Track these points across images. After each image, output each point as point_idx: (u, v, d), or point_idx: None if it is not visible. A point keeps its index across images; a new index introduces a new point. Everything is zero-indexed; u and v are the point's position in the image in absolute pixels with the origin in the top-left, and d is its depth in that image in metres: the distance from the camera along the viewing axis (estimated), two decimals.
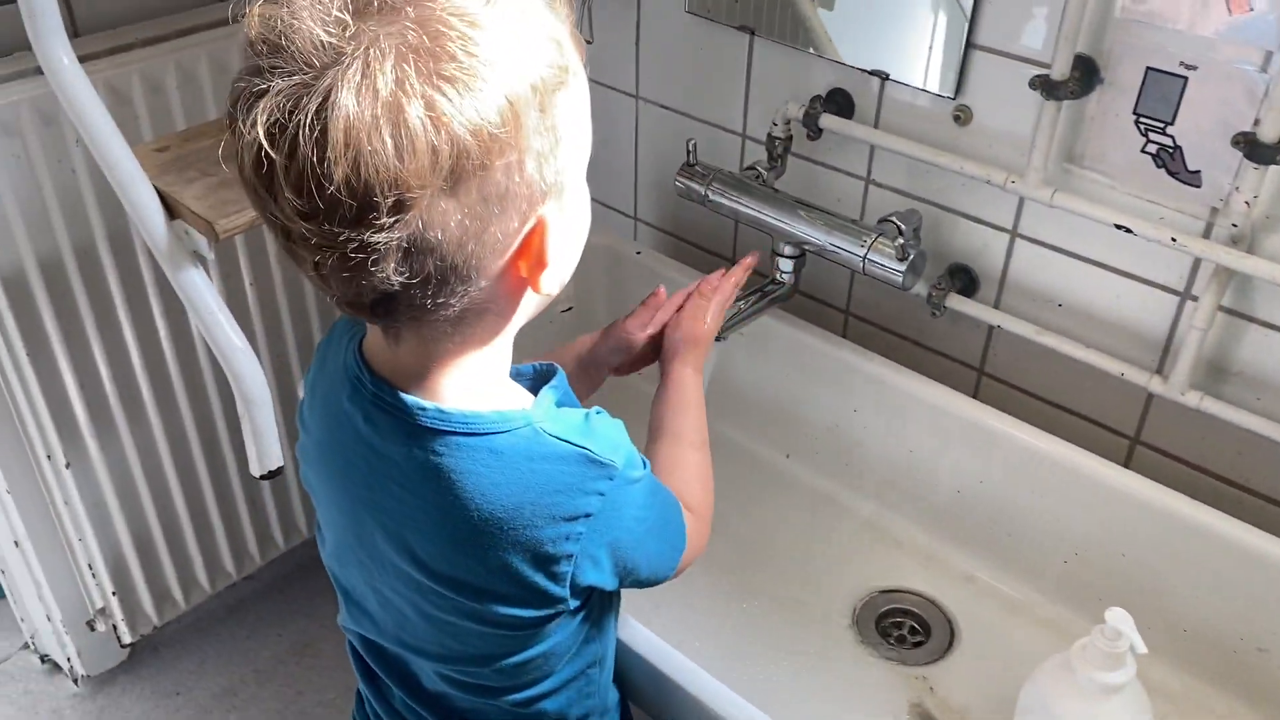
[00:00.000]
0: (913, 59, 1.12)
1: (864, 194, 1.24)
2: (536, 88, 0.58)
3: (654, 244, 1.49)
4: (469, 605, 0.72)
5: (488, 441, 0.67)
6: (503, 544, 0.68)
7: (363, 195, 0.54)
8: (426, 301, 0.61)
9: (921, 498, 1.22)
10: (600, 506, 0.70)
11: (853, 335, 1.33)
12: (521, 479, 0.67)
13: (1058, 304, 1.14)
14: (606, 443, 0.71)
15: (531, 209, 0.61)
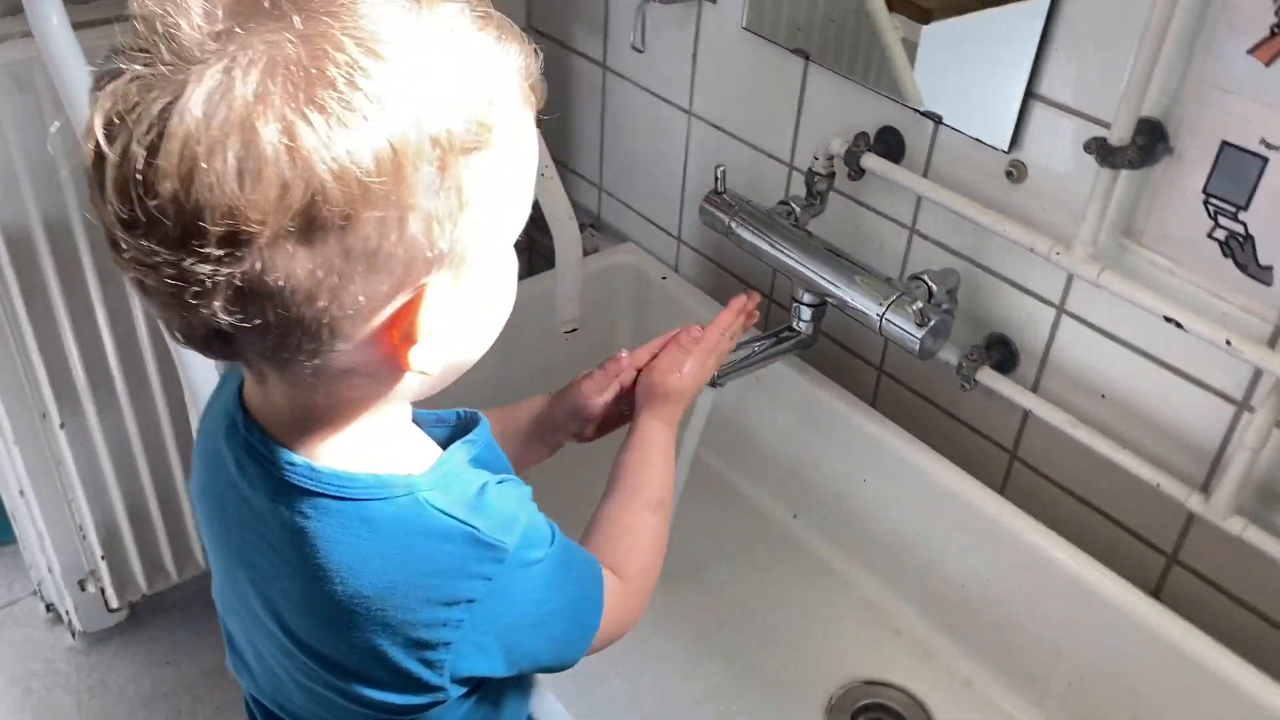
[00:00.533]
0: (968, 102, 1.01)
1: (907, 245, 1.13)
2: (439, 141, 0.50)
3: (692, 269, 1.41)
4: (336, 683, 0.64)
5: (360, 509, 0.60)
6: (371, 624, 0.61)
7: (190, 217, 0.46)
8: (267, 351, 0.54)
9: (926, 586, 1.11)
10: (485, 592, 0.62)
11: (884, 396, 1.22)
12: (395, 555, 0.60)
13: (1101, 394, 1.01)
14: (500, 519, 0.63)
15: (411, 275, 0.52)
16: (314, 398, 0.59)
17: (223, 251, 0.47)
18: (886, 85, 1.06)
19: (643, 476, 0.83)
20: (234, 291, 0.49)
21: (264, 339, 0.52)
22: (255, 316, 0.51)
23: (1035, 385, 1.06)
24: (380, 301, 0.53)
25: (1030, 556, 1.00)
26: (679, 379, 0.87)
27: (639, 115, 1.39)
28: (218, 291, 0.49)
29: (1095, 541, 1.06)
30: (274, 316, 0.51)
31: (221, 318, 0.50)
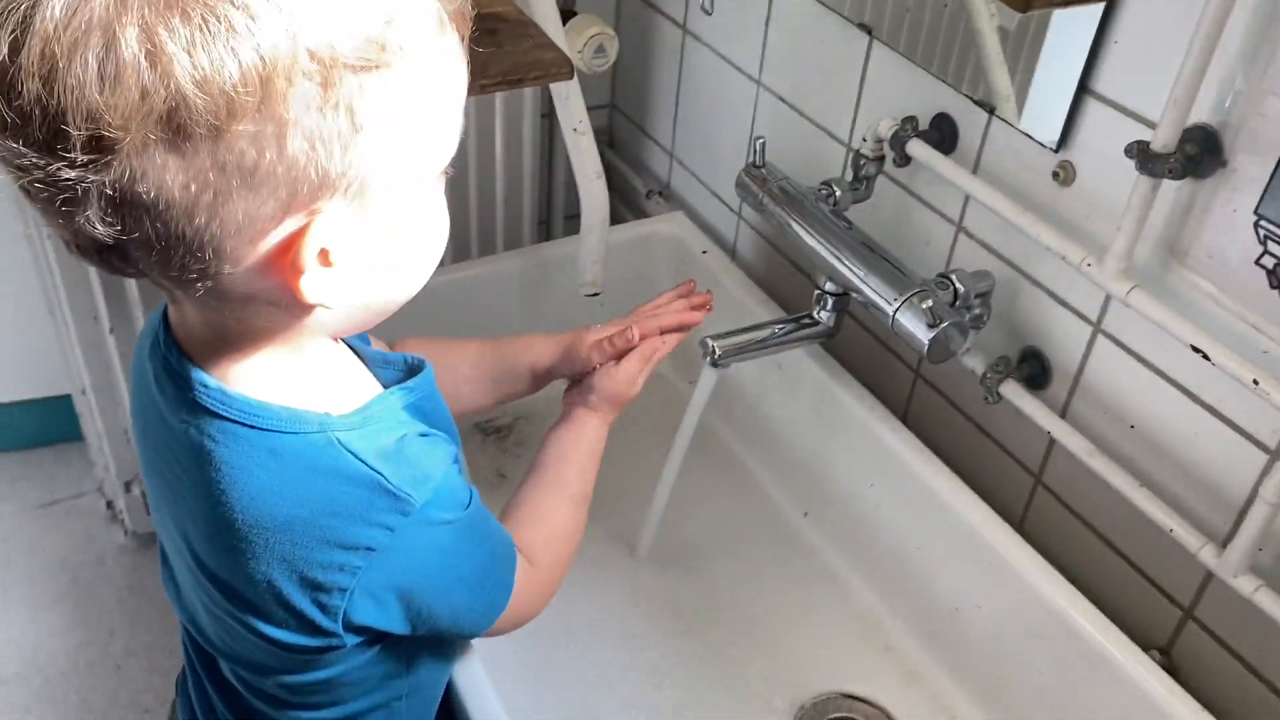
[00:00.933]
0: (1020, 93, 0.93)
1: (953, 242, 1.06)
2: (317, 56, 0.48)
3: (749, 247, 1.36)
4: (236, 614, 0.64)
5: (269, 439, 0.59)
6: (268, 557, 0.60)
7: (53, 119, 0.46)
8: (156, 269, 0.53)
9: (919, 605, 1.04)
10: (386, 542, 0.61)
11: (917, 401, 1.15)
12: (297, 491, 0.59)
13: (1130, 424, 0.93)
14: (413, 472, 0.61)
15: (297, 199, 0.51)
16: (224, 321, 0.59)
17: (88, 157, 0.47)
18: (951, 70, 0.99)
19: (573, 470, 0.83)
20: (106, 201, 0.49)
21: (149, 255, 0.51)
22: (134, 230, 0.50)
23: (1065, 406, 0.98)
24: (266, 224, 0.51)
25: (1028, 593, 0.92)
26: (633, 389, 0.88)
27: (712, 82, 1.35)
28: (89, 200, 0.48)
29: (1110, 583, 0.98)
30: (153, 231, 0.50)
31: (99, 228, 0.50)
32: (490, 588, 0.70)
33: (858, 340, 1.19)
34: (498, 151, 1.38)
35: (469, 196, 1.40)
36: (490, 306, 1.24)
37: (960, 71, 0.98)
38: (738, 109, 1.31)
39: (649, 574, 1.11)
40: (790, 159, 1.22)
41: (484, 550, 0.69)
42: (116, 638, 1.53)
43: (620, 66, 1.53)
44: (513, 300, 1.26)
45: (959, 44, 0.98)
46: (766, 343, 1.04)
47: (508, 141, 1.38)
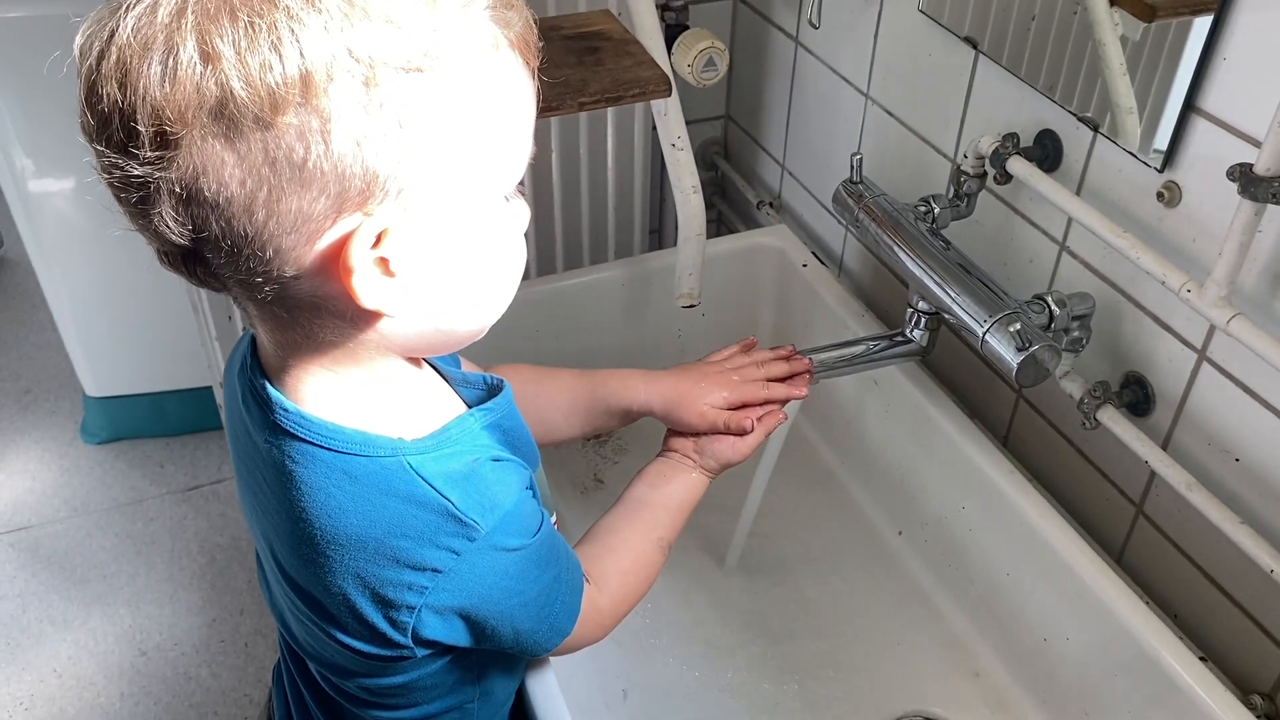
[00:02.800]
0: (1124, 110, 0.90)
1: (1056, 262, 1.03)
2: (359, 56, 0.51)
3: (855, 259, 1.35)
4: (315, 620, 0.68)
5: (344, 462, 0.62)
6: (343, 572, 0.64)
7: (126, 119, 0.51)
8: (227, 271, 0.57)
9: (1011, 633, 1.02)
10: (453, 565, 0.63)
11: (1020, 422, 1.12)
12: (370, 511, 0.62)
13: (1236, 458, 0.89)
14: (481, 499, 0.64)
15: (347, 196, 0.54)
16: (297, 338, 0.62)
17: (155, 154, 0.52)
18: (1059, 86, 0.96)
19: (665, 516, 0.84)
20: (175, 199, 0.53)
21: (219, 256, 0.55)
22: (201, 228, 0.54)
23: (1168, 436, 0.94)
24: (320, 223, 0.54)
25: (1118, 628, 0.89)
26: (740, 459, 0.89)
27: (822, 94, 1.34)
28: (161, 197, 0.53)
29: (1212, 622, 0.94)
30: (218, 229, 0.54)
31: (173, 227, 0.54)
32: (555, 612, 0.71)
33: (961, 358, 1.17)
34: (609, 162, 1.41)
35: (580, 206, 1.43)
36: (594, 315, 1.27)
37: (1068, 87, 0.96)
38: (847, 121, 1.30)
39: (736, 586, 1.12)
40: (896, 174, 1.21)
41: (549, 575, 0.70)
42: (246, 617, 1.62)
43: (735, 78, 1.54)
44: (616, 309, 1.28)
45: (1068, 58, 0.95)
46: (857, 359, 1.03)
47: (619, 152, 1.40)
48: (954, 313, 0.95)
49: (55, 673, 1.55)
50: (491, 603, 0.66)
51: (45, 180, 1.64)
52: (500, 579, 0.65)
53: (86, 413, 1.89)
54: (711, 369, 0.92)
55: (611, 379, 0.91)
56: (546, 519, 0.70)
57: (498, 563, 0.65)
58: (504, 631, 0.68)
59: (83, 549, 1.72)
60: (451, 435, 0.65)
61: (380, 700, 0.74)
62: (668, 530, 0.84)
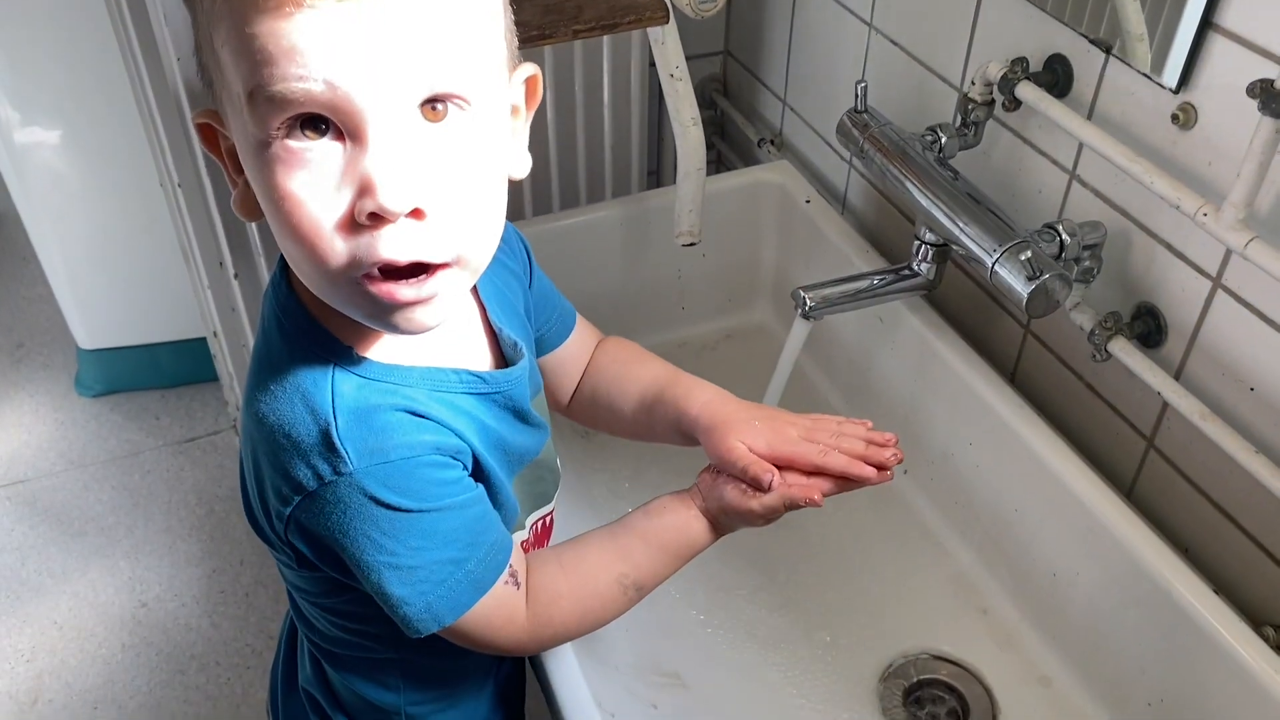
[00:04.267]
0: (1135, 35, 0.87)
1: (1066, 191, 1.00)
2: None
3: (859, 195, 1.32)
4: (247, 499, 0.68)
5: (290, 343, 0.61)
6: (254, 449, 0.63)
7: None
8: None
9: (1018, 568, 1.00)
10: (316, 490, 0.59)
11: (1028, 357, 1.10)
12: (278, 403, 0.60)
13: (1250, 387, 0.87)
14: (367, 438, 0.59)
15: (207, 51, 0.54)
16: None
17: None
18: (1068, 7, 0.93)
19: (644, 553, 0.72)
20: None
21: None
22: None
23: (1181, 366, 0.92)
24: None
25: (1128, 562, 0.88)
26: (762, 523, 0.73)
27: (823, 25, 1.31)
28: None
29: (1225, 554, 0.92)
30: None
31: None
32: (437, 596, 0.63)
33: (967, 293, 1.14)
34: (605, 99, 1.37)
35: (576, 145, 1.40)
36: (592, 254, 1.24)
37: (1078, 8, 0.92)
38: (850, 52, 1.27)
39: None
40: (902, 104, 1.17)
41: (443, 555, 0.62)
42: (246, 567, 1.61)
43: (734, 11, 1.50)
44: (615, 249, 1.26)
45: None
46: (861, 295, 1.01)
47: (615, 87, 1.37)
48: (962, 243, 0.93)
49: (56, 624, 1.54)
50: (358, 548, 0.60)
51: (33, 130, 1.61)
52: (368, 528, 0.60)
53: (80, 366, 1.87)
54: (783, 415, 0.75)
55: (684, 382, 0.78)
56: (464, 501, 0.63)
57: (366, 510, 0.59)
58: (370, 581, 0.62)
59: (80, 502, 1.71)
60: (408, 376, 0.62)
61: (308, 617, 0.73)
62: (637, 570, 0.71)
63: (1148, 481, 0.99)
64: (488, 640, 0.67)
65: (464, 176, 0.55)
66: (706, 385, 0.77)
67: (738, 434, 0.71)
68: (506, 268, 0.75)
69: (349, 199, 0.52)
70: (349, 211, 0.52)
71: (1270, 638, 0.86)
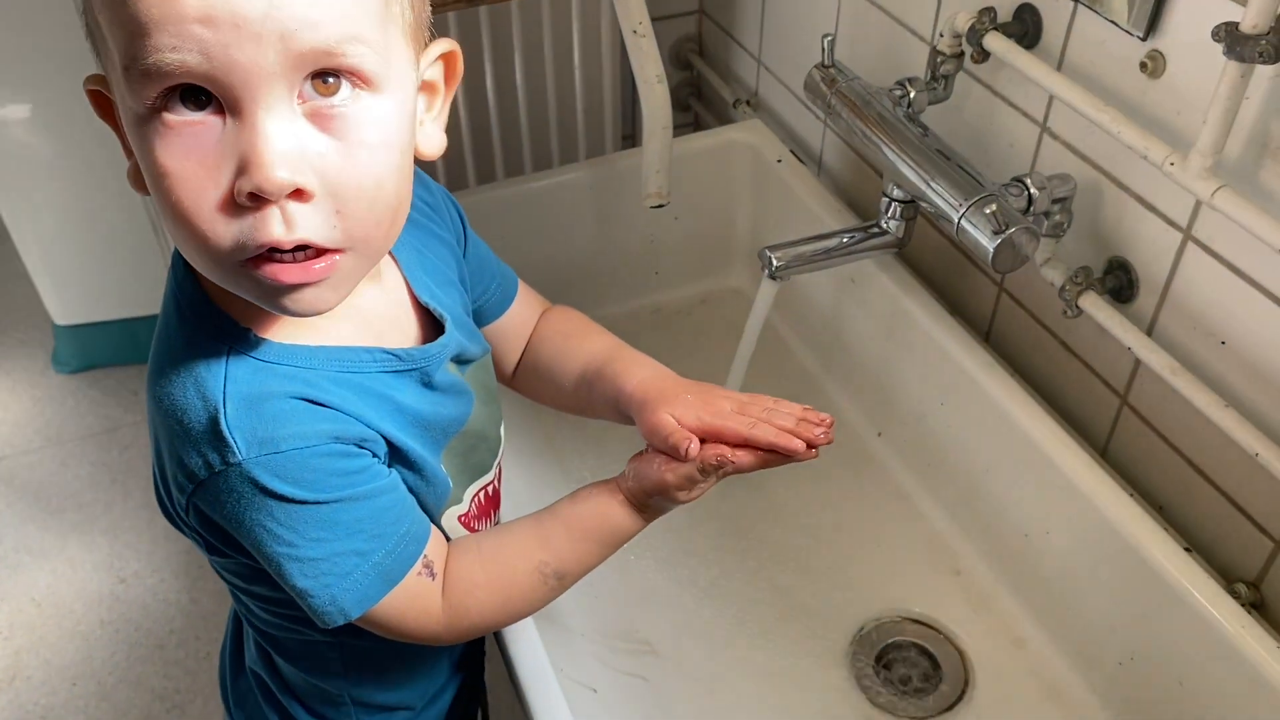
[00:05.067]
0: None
1: (1037, 144, 0.98)
2: None
3: (834, 155, 1.29)
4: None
5: (186, 330, 0.58)
6: (154, 434, 0.61)
7: None
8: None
9: (991, 529, 0.99)
10: (206, 478, 0.56)
11: (1001, 316, 1.08)
12: (173, 388, 0.57)
13: (1221, 340, 0.85)
14: (255, 428, 0.56)
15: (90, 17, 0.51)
16: None
17: None
18: None
19: (565, 539, 0.68)
20: None
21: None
22: None
23: (1152, 321, 0.91)
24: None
25: (1100, 522, 0.86)
26: (684, 496, 0.68)
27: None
28: None
29: (1198, 511, 0.91)
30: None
31: None
32: (340, 588, 0.60)
33: (940, 251, 1.13)
34: (576, 60, 1.35)
35: (547, 106, 1.38)
36: (562, 218, 1.22)
37: None
38: (822, 8, 1.24)
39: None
40: (873, 59, 1.15)
41: (345, 547, 0.59)
42: None
43: None
44: (586, 211, 1.24)
45: None
46: (831, 253, 0.99)
47: (585, 49, 1.34)
48: (929, 199, 0.91)
49: (34, 601, 1.54)
50: (258, 540, 0.58)
51: (2, 107, 1.58)
52: (263, 518, 0.57)
53: (57, 342, 1.85)
54: (718, 390, 0.70)
55: (625, 358, 0.75)
56: (378, 491, 0.60)
57: (258, 500, 0.56)
58: (276, 575, 0.60)
59: (58, 478, 1.69)
60: (312, 358, 0.59)
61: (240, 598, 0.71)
62: (559, 558, 0.67)
63: (1122, 439, 0.98)
64: (401, 631, 0.64)
65: (357, 156, 0.51)
66: (647, 362, 0.74)
67: (668, 407, 0.68)
68: (436, 235, 0.72)
69: (229, 177, 0.49)
70: (229, 191, 0.49)
71: (1242, 594, 0.85)
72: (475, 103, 1.34)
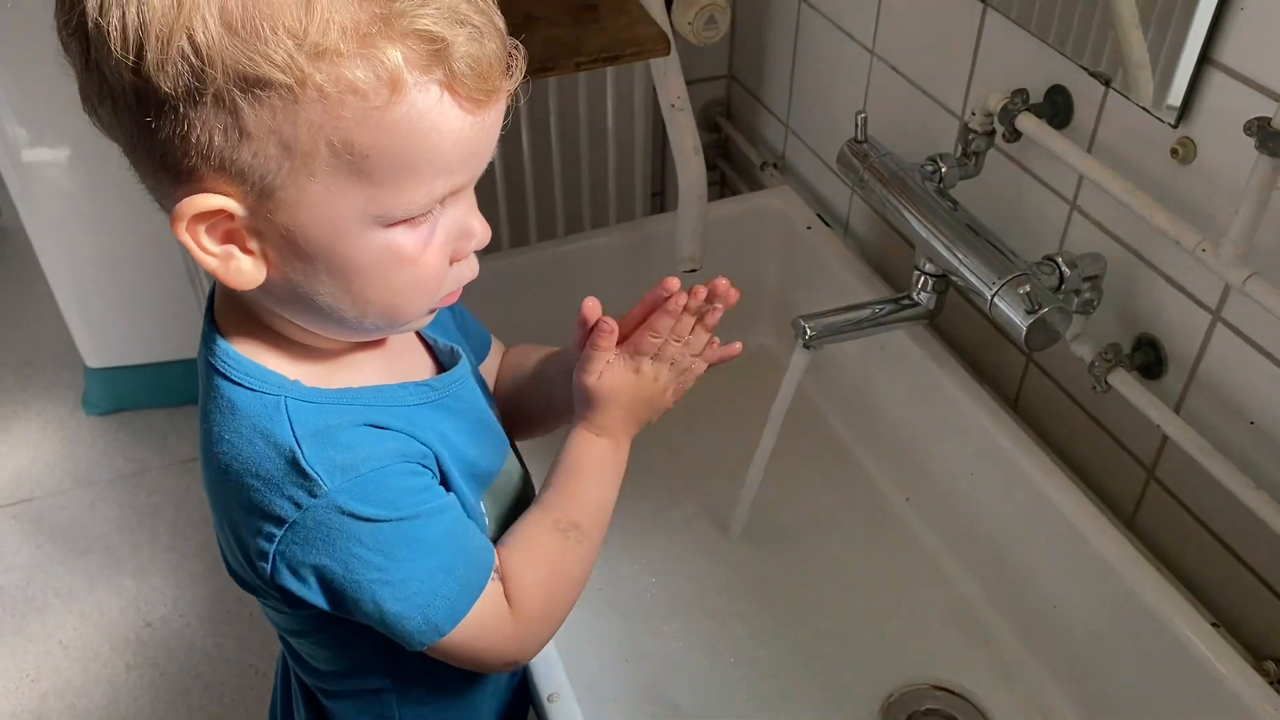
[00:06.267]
0: (1137, 64, 0.87)
1: (1066, 221, 1.00)
2: (201, 51, 0.50)
3: (862, 222, 1.32)
4: (222, 549, 0.67)
5: (233, 391, 0.61)
6: (219, 503, 0.63)
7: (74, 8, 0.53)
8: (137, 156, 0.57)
9: (1019, 599, 1.00)
10: (296, 518, 0.60)
11: (1029, 386, 1.10)
12: (239, 444, 0.60)
13: (1250, 421, 0.87)
14: (334, 457, 0.60)
15: (181, 169, 0.54)
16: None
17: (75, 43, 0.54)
18: (1070, 39, 0.93)
19: (558, 494, 0.71)
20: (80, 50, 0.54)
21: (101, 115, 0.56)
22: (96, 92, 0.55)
23: (1181, 399, 0.92)
24: (164, 179, 0.55)
25: (1129, 595, 0.88)
26: (595, 381, 0.72)
27: (826, 51, 1.31)
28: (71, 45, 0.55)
29: (1226, 588, 0.92)
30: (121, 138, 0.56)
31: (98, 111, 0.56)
32: (433, 605, 0.63)
33: (970, 322, 1.14)
34: (609, 124, 1.38)
35: (580, 169, 1.41)
36: (594, 280, 1.24)
37: (1079, 40, 0.93)
38: (852, 79, 1.27)
39: (741, 553, 1.11)
40: (903, 133, 1.18)
41: (430, 563, 0.63)
42: None
43: (737, 36, 1.50)
44: (617, 274, 1.26)
45: (1079, 10, 0.92)
46: (862, 324, 1.01)
47: (619, 113, 1.37)
48: (962, 275, 0.93)
49: (61, 644, 1.55)
50: (347, 569, 0.61)
51: (40, 150, 1.62)
52: (353, 546, 0.60)
53: (87, 384, 1.88)
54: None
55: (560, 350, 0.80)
56: (439, 507, 0.64)
57: (347, 528, 0.60)
58: (367, 607, 0.62)
59: (86, 520, 1.71)
60: (360, 397, 0.63)
61: (301, 655, 0.73)
62: (563, 509, 0.71)
63: (1149, 512, 0.99)
64: (484, 643, 0.66)
65: None
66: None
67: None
68: None
69: (451, 245, 0.61)
70: (451, 255, 0.61)
71: (1271, 672, 0.86)
72: (511, 168, 1.36)
